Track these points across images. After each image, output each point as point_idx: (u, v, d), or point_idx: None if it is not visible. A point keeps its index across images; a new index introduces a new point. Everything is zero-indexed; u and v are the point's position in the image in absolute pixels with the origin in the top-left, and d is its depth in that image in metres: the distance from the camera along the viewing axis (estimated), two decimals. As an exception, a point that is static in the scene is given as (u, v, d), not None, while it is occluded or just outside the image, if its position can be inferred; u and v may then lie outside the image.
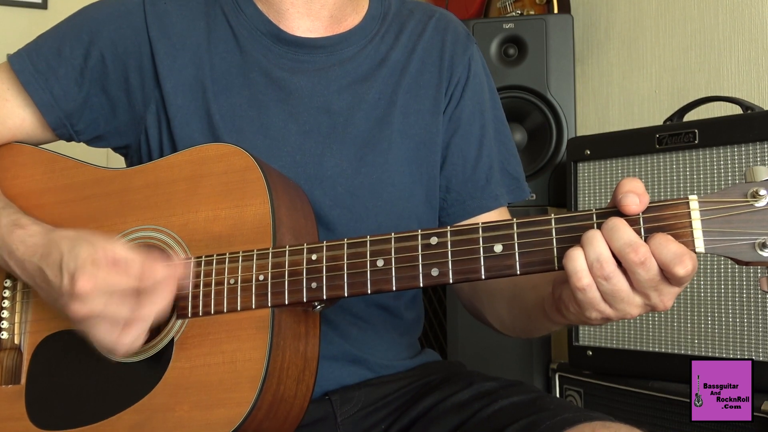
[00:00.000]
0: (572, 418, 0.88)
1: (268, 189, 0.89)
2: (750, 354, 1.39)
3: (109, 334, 0.85)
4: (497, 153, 1.16)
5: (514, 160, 1.18)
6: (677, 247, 0.71)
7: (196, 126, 1.04)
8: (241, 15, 1.08)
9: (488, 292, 1.06)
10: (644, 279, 0.72)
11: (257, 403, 0.83)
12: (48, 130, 1.08)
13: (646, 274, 0.72)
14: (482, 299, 1.08)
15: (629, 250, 0.71)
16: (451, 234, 0.79)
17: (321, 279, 0.83)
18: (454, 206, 1.14)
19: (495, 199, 1.13)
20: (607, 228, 0.73)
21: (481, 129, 1.14)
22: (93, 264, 0.83)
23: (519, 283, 0.96)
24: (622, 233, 0.72)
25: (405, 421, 1.02)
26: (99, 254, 0.84)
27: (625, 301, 0.74)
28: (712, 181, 1.45)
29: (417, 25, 1.15)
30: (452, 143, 1.13)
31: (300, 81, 1.07)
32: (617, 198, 0.74)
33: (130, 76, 1.06)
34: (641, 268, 0.71)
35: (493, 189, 1.13)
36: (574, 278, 0.73)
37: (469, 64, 1.15)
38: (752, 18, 1.81)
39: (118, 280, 0.83)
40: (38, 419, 0.95)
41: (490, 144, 1.15)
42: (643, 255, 0.71)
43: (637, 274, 0.72)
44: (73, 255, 0.85)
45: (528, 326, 0.98)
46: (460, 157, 1.13)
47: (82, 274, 0.83)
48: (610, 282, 0.73)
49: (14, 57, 1.08)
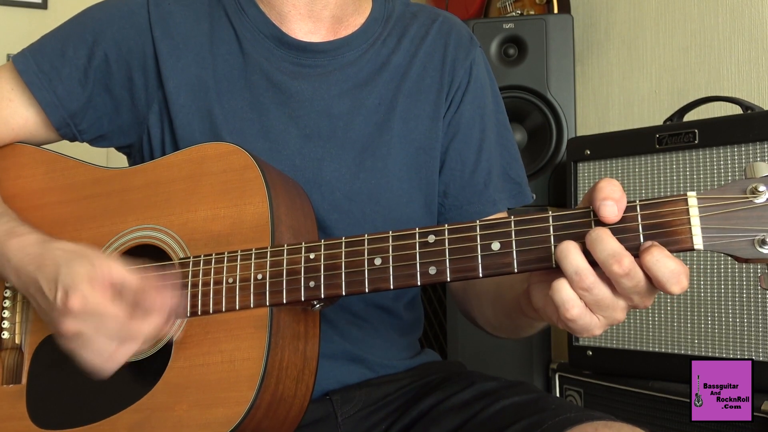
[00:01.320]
0: (574, 418, 0.88)
1: (267, 188, 0.89)
2: (750, 354, 1.38)
3: (96, 356, 0.84)
4: (498, 158, 1.15)
5: (516, 165, 1.17)
6: (675, 265, 0.69)
7: (197, 126, 1.05)
8: (244, 17, 1.08)
9: (476, 293, 1.06)
10: (628, 287, 0.71)
11: (256, 402, 0.82)
12: (51, 130, 1.09)
13: (629, 283, 0.70)
14: (471, 301, 1.08)
15: (613, 262, 0.69)
16: (448, 232, 0.79)
17: (319, 278, 0.83)
18: (451, 211, 1.13)
19: (493, 205, 1.13)
20: (591, 239, 0.71)
21: (481, 133, 1.14)
22: (89, 283, 0.83)
23: (500, 283, 0.95)
24: (605, 244, 0.70)
25: (406, 421, 1.02)
26: (96, 273, 0.83)
27: (610, 307, 0.72)
28: (712, 181, 1.45)
29: (420, 29, 1.14)
30: (451, 148, 1.13)
31: (301, 85, 1.07)
32: (595, 204, 0.72)
33: (133, 75, 1.06)
34: (626, 279, 0.70)
35: (492, 194, 1.13)
36: (562, 309, 0.72)
37: (470, 68, 1.14)
38: (752, 18, 1.81)
39: (110, 310, 0.82)
40: (39, 419, 0.95)
41: (490, 149, 1.14)
42: (627, 267, 0.69)
43: (621, 284, 0.70)
44: (70, 270, 0.85)
45: (511, 325, 0.97)
46: (459, 162, 1.13)
47: (76, 291, 0.82)
48: (591, 293, 0.71)
49: (18, 57, 1.08)
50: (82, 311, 0.82)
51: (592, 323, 0.73)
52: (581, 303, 0.72)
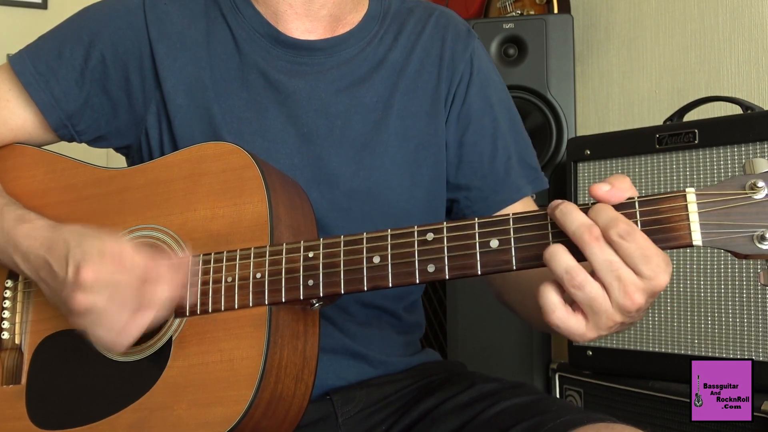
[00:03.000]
0: (576, 420, 0.88)
1: (266, 187, 0.89)
2: (750, 354, 1.38)
3: (110, 331, 0.85)
4: (514, 144, 1.14)
5: (530, 150, 1.17)
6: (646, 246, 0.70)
7: (197, 126, 1.05)
8: (240, 16, 1.08)
9: (515, 285, 1.05)
10: (601, 260, 0.70)
11: (254, 401, 0.82)
12: (49, 131, 1.09)
13: (601, 253, 0.70)
14: (510, 293, 1.08)
15: (583, 230, 0.71)
16: (447, 230, 0.78)
17: (317, 276, 0.83)
18: (477, 203, 1.12)
19: (518, 191, 1.12)
20: (561, 212, 0.73)
21: (493, 122, 1.13)
22: (100, 255, 0.84)
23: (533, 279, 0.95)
24: (574, 216, 0.72)
25: (406, 421, 1.02)
26: (106, 247, 0.84)
27: (603, 308, 0.72)
28: (712, 180, 1.45)
29: (416, 25, 1.14)
30: (465, 141, 1.12)
31: (298, 83, 1.06)
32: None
33: (130, 76, 1.06)
34: (596, 246, 0.70)
35: (514, 180, 1.12)
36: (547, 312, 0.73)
37: (471, 60, 1.14)
38: (752, 18, 1.81)
39: (122, 276, 0.83)
40: (38, 419, 0.95)
41: (504, 136, 1.13)
42: (596, 233, 0.70)
43: (594, 256, 0.70)
44: (80, 247, 0.86)
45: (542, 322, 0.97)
46: (476, 154, 1.12)
47: (88, 263, 0.83)
48: (584, 290, 0.71)
49: (15, 58, 1.08)
50: (94, 282, 0.83)
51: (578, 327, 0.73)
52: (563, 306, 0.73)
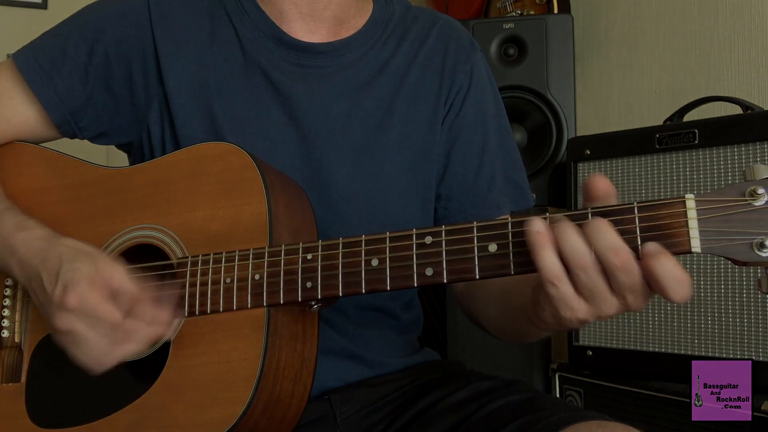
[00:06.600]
0: (568, 418, 0.88)
1: (266, 188, 0.89)
2: (750, 354, 1.38)
3: (87, 356, 0.85)
4: (501, 161, 1.14)
5: (518, 168, 1.17)
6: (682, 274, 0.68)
7: (198, 124, 1.05)
8: (245, 16, 1.08)
9: (480, 294, 1.06)
10: (624, 283, 0.69)
11: (252, 403, 0.82)
12: (52, 127, 1.08)
13: (625, 278, 0.69)
14: (475, 301, 1.08)
15: (611, 254, 0.68)
16: (445, 233, 0.78)
17: (316, 278, 0.83)
18: (455, 215, 1.13)
19: (497, 208, 1.12)
20: (591, 229, 0.70)
21: (483, 137, 1.13)
22: (89, 283, 0.83)
23: (508, 287, 0.95)
24: (605, 235, 0.69)
25: (403, 420, 1.02)
26: (97, 275, 0.84)
27: (600, 297, 0.71)
28: (712, 181, 1.45)
29: (420, 32, 1.14)
30: (453, 152, 1.12)
31: (300, 86, 1.06)
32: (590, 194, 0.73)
33: (133, 74, 1.06)
34: (621, 272, 0.69)
35: (495, 198, 1.12)
36: (545, 272, 0.71)
37: (471, 72, 1.14)
38: (752, 18, 1.81)
39: (105, 311, 0.83)
40: (37, 418, 0.95)
41: (492, 152, 1.14)
42: (624, 258, 0.68)
43: (617, 278, 0.69)
44: (72, 267, 0.85)
45: (515, 330, 0.96)
46: (461, 166, 1.12)
47: (75, 289, 0.83)
48: (586, 273, 0.70)
49: (19, 55, 1.08)
50: (77, 309, 0.83)
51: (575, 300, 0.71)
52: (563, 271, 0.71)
